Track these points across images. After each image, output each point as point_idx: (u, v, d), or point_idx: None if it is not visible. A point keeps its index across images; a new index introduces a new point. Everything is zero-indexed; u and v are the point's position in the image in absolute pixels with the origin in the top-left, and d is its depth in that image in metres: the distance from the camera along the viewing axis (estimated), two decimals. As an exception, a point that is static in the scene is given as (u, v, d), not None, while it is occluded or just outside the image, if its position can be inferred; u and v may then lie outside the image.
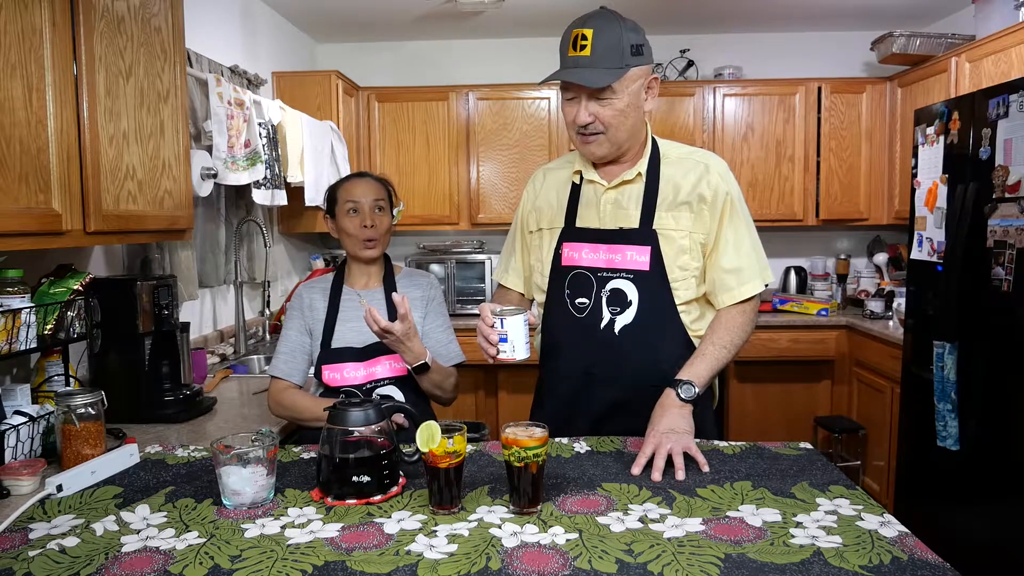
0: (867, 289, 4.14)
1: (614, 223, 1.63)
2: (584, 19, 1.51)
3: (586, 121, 1.53)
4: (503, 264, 1.87)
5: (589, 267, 1.63)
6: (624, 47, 1.49)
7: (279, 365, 1.87)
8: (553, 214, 1.72)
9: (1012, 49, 2.93)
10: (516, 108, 4.13)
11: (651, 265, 1.59)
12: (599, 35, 1.48)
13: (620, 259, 1.61)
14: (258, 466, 1.25)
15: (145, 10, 1.87)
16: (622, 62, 1.49)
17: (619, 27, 1.50)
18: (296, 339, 1.89)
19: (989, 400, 2.42)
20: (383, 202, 1.90)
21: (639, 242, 1.60)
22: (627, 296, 1.60)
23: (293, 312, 1.92)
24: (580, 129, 1.56)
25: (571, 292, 1.65)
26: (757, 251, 1.66)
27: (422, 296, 1.94)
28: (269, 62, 3.64)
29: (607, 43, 1.48)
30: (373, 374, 1.83)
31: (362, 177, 1.93)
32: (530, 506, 1.21)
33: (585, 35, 1.48)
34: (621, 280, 1.60)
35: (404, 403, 1.59)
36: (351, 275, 1.94)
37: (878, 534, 1.12)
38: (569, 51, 1.51)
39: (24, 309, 1.60)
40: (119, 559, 1.06)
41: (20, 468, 1.39)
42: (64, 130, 1.55)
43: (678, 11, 3.90)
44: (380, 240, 1.89)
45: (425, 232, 4.42)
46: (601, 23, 1.49)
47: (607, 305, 1.61)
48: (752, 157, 4.11)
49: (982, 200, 2.44)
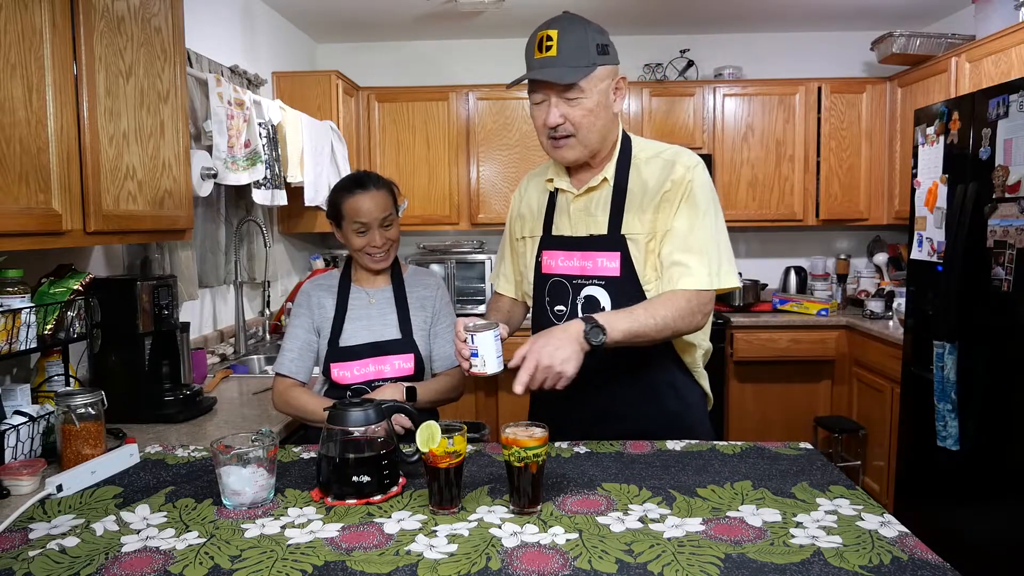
0: (867, 289, 4.14)
1: (584, 230, 1.62)
2: (548, 22, 1.51)
3: (556, 122, 1.51)
4: (496, 270, 1.87)
5: (564, 274, 1.63)
6: (589, 46, 1.48)
7: (286, 363, 1.86)
8: (534, 222, 1.72)
9: (1012, 49, 2.94)
10: (516, 108, 4.13)
11: (621, 271, 1.57)
12: (564, 35, 1.47)
13: (592, 266, 1.60)
14: (258, 466, 1.25)
15: (145, 10, 1.87)
16: (589, 61, 1.48)
17: (583, 28, 1.50)
18: (304, 337, 1.88)
19: (989, 400, 2.42)
20: (391, 216, 1.86)
21: (608, 248, 1.58)
22: (600, 303, 1.59)
23: (301, 310, 1.91)
24: (551, 132, 1.54)
25: (550, 300, 1.65)
26: (715, 249, 1.53)
27: (431, 296, 1.94)
28: (269, 62, 3.64)
29: (572, 43, 1.47)
30: (382, 372, 1.84)
31: (366, 190, 1.83)
32: (530, 506, 1.21)
33: (550, 36, 1.48)
34: (594, 287, 1.60)
35: (406, 403, 1.59)
36: (359, 274, 1.94)
37: (878, 534, 1.12)
38: (535, 53, 1.50)
39: (24, 309, 1.60)
40: (119, 559, 1.06)
41: (20, 468, 1.39)
42: (64, 130, 1.55)
43: (678, 11, 3.90)
44: (389, 253, 1.89)
45: (425, 232, 4.42)
46: (565, 24, 1.49)
47: (582, 312, 1.59)
48: (752, 157, 4.11)
49: (982, 200, 2.44)
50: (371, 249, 1.85)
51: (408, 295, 1.92)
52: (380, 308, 1.90)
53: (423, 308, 1.92)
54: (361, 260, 1.89)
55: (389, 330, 1.88)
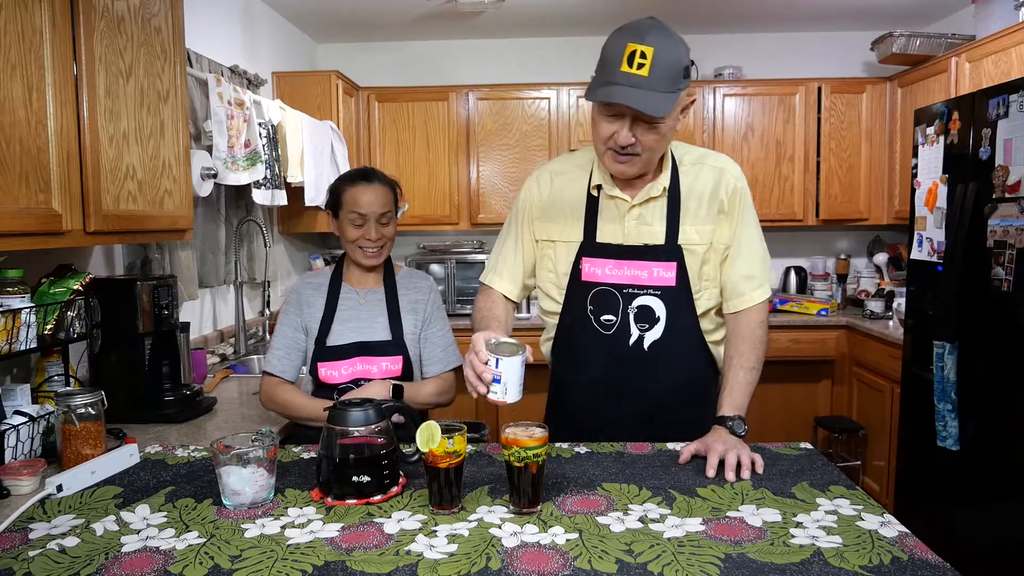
0: (867, 289, 4.14)
1: (639, 239, 1.58)
2: (641, 32, 1.38)
3: (628, 143, 1.45)
4: (494, 266, 1.73)
5: (614, 283, 1.59)
6: (679, 69, 1.40)
7: (274, 362, 1.86)
8: (567, 225, 1.63)
9: (1012, 49, 2.93)
10: (516, 108, 4.13)
11: (677, 280, 1.57)
12: (659, 55, 1.36)
13: (647, 276, 1.58)
14: (258, 466, 1.25)
15: (145, 10, 1.87)
16: (675, 86, 1.40)
17: (678, 46, 1.40)
18: (292, 336, 1.88)
19: (989, 400, 2.42)
20: (390, 213, 1.85)
21: (665, 258, 1.57)
22: (655, 312, 1.58)
23: (290, 308, 1.90)
24: (615, 147, 1.47)
25: (594, 308, 1.61)
26: (766, 255, 1.65)
27: (423, 300, 1.93)
28: (269, 62, 3.64)
29: (666, 65, 1.37)
30: (369, 372, 1.83)
31: (370, 183, 1.84)
32: (530, 506, 1.21)
33: (644, 53, 1.36)
34: (648, 297, 1.58)
35: (405, 403, 1.59)
36: (350, 273, 1.93)
37: (878, 534, 1.12)
38: (623, 66, 1.37)
39: (24, 309, 1.60)
40: (119, 559, 1.06)
41: (20, 468, 1.39)
42: (64, 130, 1.55)
43: (678, 11, 3.90)
44: (383, 250, 1.87)
45: (425, 232, 4.42)
46: (661, 42, 1.37)
47: (635, 322, 1.59)
48: (752, 157, 4.11)
49: (982, 200, 2.44)
50: (364, 243, 1.83)
51: (400, 298, 1.91)
52: (370, 310, 1.89)
53: (414, 312, 1.91)
54: (353, 253, 1.87)
55: (378, 332, 1.87)
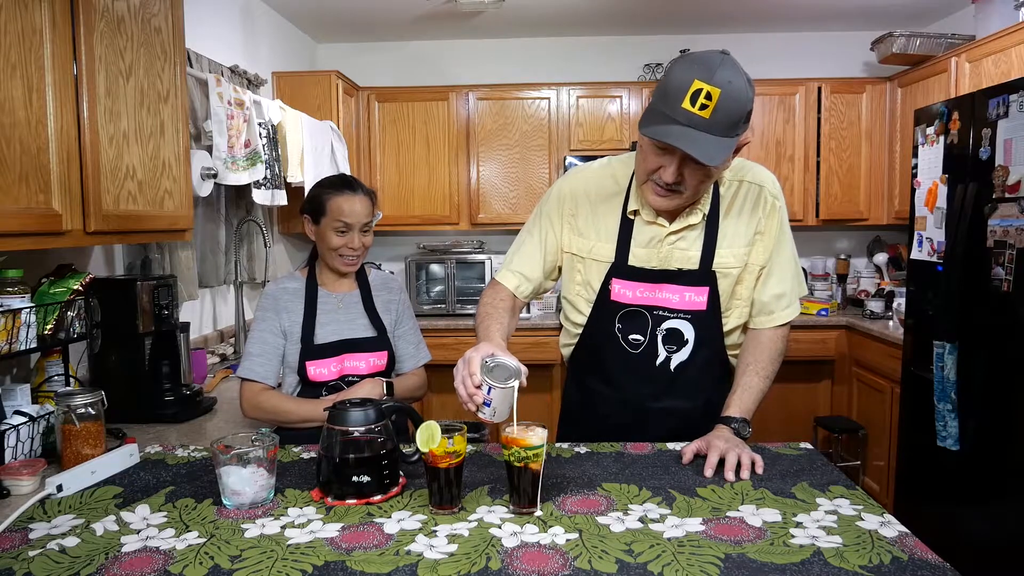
0: (867, 289, 4.15)
1: (672, 263, 1.57)
2: (711, 69, 1.30)
3: (675, 180, 1.41)
4: (509, 262, 1.68)
5: (644, 305, 1.59)
6: (743, 115, 1.33)
7: (254, 368, 1.83)
8: (601, 244, 1.61)
9: (1012, 49, 2.93)
10: (516, 108, 4.13)
11: (708, 304, 1.57)
12: (725, 99, 1.29)
13: (678, 300, 1.57)
14: (258, 466, 1.25)
15: (145, 10, 1.87)
16: (735, 132, 1.34)
17: (745, 90, 1.32)
18: (271, 341, 1.86)
19: (989, 400, 2.42)
20: (371, 222, 1.90)
21: (698, 283, 1.56)
22: (684, 335, 1.58)
23: (267, 314, 1.87)
24: (662, 184, 1.43)
25: (623, 328, 1.61)
26: (798, 271, 1.64)
27: (395, 300, 2.00)
28: (269, 62, 3.64)
29: (730, 111, 1.31)
30: (357, 368, 1.87)
31: (355, 193, 1.87)
32: (530, 506, 1.21)
33: (711, 94, 1.28)
34: (678, 320, 1.58)
35: (403, 403, 1.59)
36: (324, 277, 1.94)
37: (878, 534, 1.12)
38: (685, 103, 1.30)
39: (24, 309, 1.60)
40: (119, 559, 1.06)
41: (20, 468, 1.39)
42: (64, 130, 1.55)
43: (678, 11, 3.89)
44: (360, 258, 1.91)
45: (425, 232, 4.42)
46: (728, 84, 1.29)
47: (663, 343, 1.59)
48: (752, 157, 4.10)
49: (982, 200, 2.44)
50: (346, 251, 1.86)
51: (374, 298, 1.96)
52: (348, 312, 1.92)
53: (387, 311, 1.97)
54: (332, 261, 1.89)
55: (361, 330, 1.91)
